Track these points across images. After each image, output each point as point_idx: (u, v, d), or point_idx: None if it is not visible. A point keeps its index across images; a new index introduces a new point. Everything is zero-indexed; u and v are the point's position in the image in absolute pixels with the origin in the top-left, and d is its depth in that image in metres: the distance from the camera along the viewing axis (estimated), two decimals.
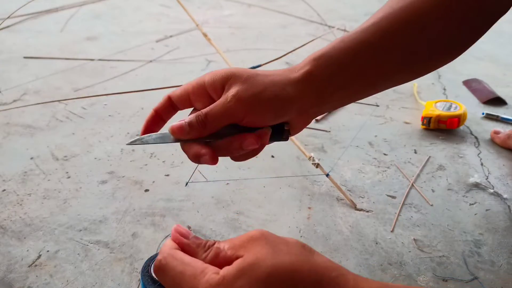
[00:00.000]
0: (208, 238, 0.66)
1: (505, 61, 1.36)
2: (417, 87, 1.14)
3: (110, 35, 1.45)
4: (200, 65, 1.25)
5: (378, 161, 0.85)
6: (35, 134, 0.90)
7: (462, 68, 1.29)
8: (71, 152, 0.84)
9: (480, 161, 0.86)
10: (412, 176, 0.81)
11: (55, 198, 0.72)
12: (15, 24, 1.49)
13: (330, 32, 1.49)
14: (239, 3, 1.84)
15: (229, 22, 1.62)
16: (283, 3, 1.89)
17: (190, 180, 0.77)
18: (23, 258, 0.61)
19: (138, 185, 0.76)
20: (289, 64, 1.28)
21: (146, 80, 1.15)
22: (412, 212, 0.72)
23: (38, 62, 1.22)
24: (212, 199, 0.73)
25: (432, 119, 0.94)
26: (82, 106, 1.01)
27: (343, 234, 0.67)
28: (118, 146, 0.87)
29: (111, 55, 1.28)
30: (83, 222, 0.68)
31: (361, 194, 0.76)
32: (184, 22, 1.58)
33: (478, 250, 0.65)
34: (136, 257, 0.62)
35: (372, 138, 0.93)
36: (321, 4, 1.84)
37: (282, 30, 1.57)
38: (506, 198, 0.76)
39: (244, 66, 1.22)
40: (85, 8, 1.71)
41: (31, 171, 0.78)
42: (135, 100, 1.03)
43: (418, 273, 0.61)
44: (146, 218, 0.69)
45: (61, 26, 1.51)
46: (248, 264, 0.32)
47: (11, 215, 0.68)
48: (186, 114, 0.49)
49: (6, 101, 1.01)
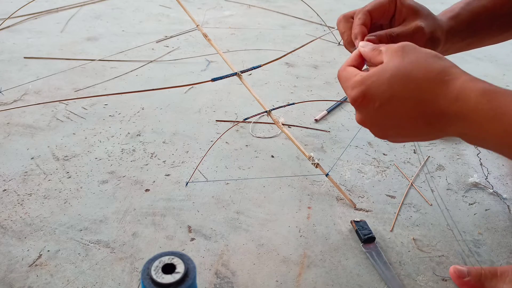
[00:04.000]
0: (209, 237, 0.66)
1: (504, 61, 1.37)
2: None
3: (111, 36, 1.45)
4: (200, 65, 1.25)
5: (377, 161, 0.85)
6: (36, 134, 0.90)
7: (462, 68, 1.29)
8: (72, 152, 0.85)
9: (479, 161, 0.86)
10: (412, 176, 0.81)
11: (56, 198, 0.73)
12: (16, 24, 1.50)
13: (330, 33, 1.49)
14: (239, 3, 1.84)
15: (229, 23, 1.62)
16: (283, 3, 1.89)
17: (190, 180, 0.78)
18: (24, 258, 0.61)
19: (139, 185, 0.76)
20: (289, 64, 1.28)
21: (146, 81, 1.15)
22: (411, 212, 0.73)
23: (39, 62, 1.23)
24: (212, 199, 0.74)
25: None
26: (83, 106, 1.01)
27: (342, 233, 0.67)
28: (118, 146, 0.87)
29: (112, 56, 1.28)
30: (84, 221, 0.68)
31: (360, 194, 0.76)
32: (184, 23, 1.58)
33: (478, 250, 0.65)
34: (137, 257, 0.62)
35: (371, 138, 0.93)
36: (320, 5, 1.85)
37: (282, 30, 1.57)
38: (505, 198, 0.76)
39: (244, 66, 1.23)
40: (85, 8, 1.71)
41: (32, 171, 0.79)
42: (135, 100, 1.04)
43: (418, 273, 0.61)
44: (146, 218, 0.69)
45: (61, 26, 1.51)
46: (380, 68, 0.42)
47: (11, 215, 0.69)
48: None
49: (6, 101, 1.02)
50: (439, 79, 0.39)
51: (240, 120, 0.97)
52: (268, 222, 0.69)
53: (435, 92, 0.38)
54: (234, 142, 0.90)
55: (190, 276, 0.43)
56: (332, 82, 1.18)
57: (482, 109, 0.36)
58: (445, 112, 0.38)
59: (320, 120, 0.99)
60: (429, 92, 0.39)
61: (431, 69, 0.40)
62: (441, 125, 0.39)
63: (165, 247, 0.64)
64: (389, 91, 0.40)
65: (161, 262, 0.44)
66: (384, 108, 0.41)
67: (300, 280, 0.60)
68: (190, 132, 0.92)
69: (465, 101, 0.37)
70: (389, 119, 0.42)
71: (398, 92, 0.40)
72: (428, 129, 0.40)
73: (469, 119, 0.37)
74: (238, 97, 1.08)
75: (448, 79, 0.39)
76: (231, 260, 0.62)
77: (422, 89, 0.39)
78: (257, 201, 0.74)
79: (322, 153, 0.87)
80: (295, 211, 0.72)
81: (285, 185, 0.78)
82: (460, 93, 0.37)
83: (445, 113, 0.38)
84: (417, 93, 0.39)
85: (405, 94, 0.39)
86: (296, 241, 0.66)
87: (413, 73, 0.40)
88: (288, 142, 0.90)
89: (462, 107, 0.37)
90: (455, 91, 0.38)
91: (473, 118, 0.36)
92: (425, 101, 0.39)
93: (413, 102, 0.39)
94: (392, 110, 0.41)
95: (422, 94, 0.39)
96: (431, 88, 0.39)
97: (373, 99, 0.41)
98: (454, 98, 0.37)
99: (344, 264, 0.62)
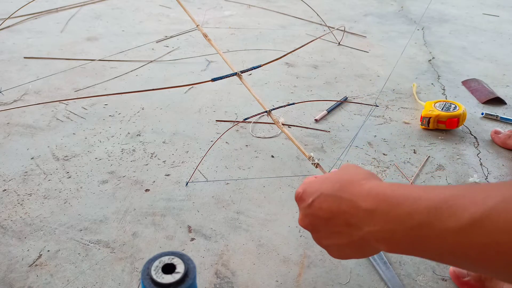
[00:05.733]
0: (209, 237, 0.66)
1: (504, 61, 1.37)
2: (416, 87, 1.15)
3: (111, 36, 1.45)
4: (200, 65, 1.25)
5: (377, 161, 0.85)
6: (36, 134, 0.90)
7: (461, 68, 1.29)
8: (72, 152, 0.85)
9: (479, 161, 0.86)
10: (412, 176, 0.81)
11: (56, 198, 0.73)
12: (16, 24, 1.50)
13: (330, 33, 1.49)
14: (239, 3, 1.84)
15: (229, 23, 1.62)
16: (283, 3, 1.89)
17: (190, 180, 0.78)
18: (24, 258, 0.61)
19: (139, 185, 0.76)
20: (289, 64, 1.28)
21: (146, 80, 1.15)
22: None
23: (39, 62, 1.23)
24: (212, 199, 0.74)
25: (431, 119, 0.94)
26: (83, 106, 1.01)
27: None
28: (118, 146, 0.87)
29: (112, 56, 1.28)
30: (84, 221, 0.68)
31: None
32: (184, 23, 1.58)
33: None
34: (137, 257, 0.62)
35: (371, 138, 0.93)
36: (320, 5, 1.85)
37: (282, 30, 1.57)
38: None
39: (244, 66, 1.23)
40: (85, 8, 1.71)
41: (32, 171, 0.79)
42: (135, 100, 1.04)
43: (418, 273, 0.61)
44: (146, 218, 0.69)
45: (61, 26, 1.51)
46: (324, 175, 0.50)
47: (11, 215, 0.69)
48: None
49: (6, 101, 1.02)
50: (357, 182, 0.44)
51: (240, 120, 0.97)
52: (268, 222, 0.69)
53: (352, 192, 0.44)
54: (234, 142, 0.90)
55: (190, 276, 0.43)
56: (332, 82, 1.18)
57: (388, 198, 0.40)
58: (359, 208, 0.42)
59: (320, 120, 0.99)
60: (348, 192, 0.44)
61: (356, 176, 0.46)
62: (358, 223, 0.42)
63: (165, 247, 0.64)
64: (319, 189, 0.46)
65: (161, 262, 0.44)
66: (313, 204, 0.47)
67: (300, 280, 0.60)
68: (190, 132, 0.92)
69: (374, 196, 0.41)
70: (317, 217, 0.47)
71: (325, 190, 0.46)
72: (348, 230, 0.44)
73: (378, 211, 0.40)
74: (238, 97, 1.08)
75: (364, 182, 0.44)
76: (231, 260, 0.62)
77: (343, 189, 0.45)
78: (257, 201, 0.74)
79: (322, 153, 0.87)
80: (295, 211, 0.72)
81: (285, 185, 0.78)
82: (371, 190, 0.42)
83: (359, 209, 0.42)
84: (339, 192, 0.45)
85: (330, 191, 0.45)
86: (296, 241, 0.66)
87: (342, 177, 0.46)
88: (288, 142, 0.90)
89: (373, 200, 0.41)
90: (367, 189, 0.42)
91: (381, 208, 0.40)
92: (344, 199, 0.44)
93: (334, 198, 0.45)
94: (318, 206, 0.46)
95: (342, 192, 0.44)
96: (350, 188, 0.44)
97: (308, 195, 0.48)
98: (366, 194, 0.42)
99: (344, 264, 0.62)
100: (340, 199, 0.44)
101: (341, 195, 0.44)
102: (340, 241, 0.45)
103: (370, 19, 1.73)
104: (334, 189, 0.45)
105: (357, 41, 1.48)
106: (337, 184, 0.45)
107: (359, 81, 1.19)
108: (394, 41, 1.50)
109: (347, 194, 0.44)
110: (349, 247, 0.45)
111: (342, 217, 0.44)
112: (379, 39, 1.51)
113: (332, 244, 0.47)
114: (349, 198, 0.43)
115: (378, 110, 1.04)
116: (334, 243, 0.46)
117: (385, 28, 1.63)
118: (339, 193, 0.44)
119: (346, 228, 0.44)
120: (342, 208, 0.44)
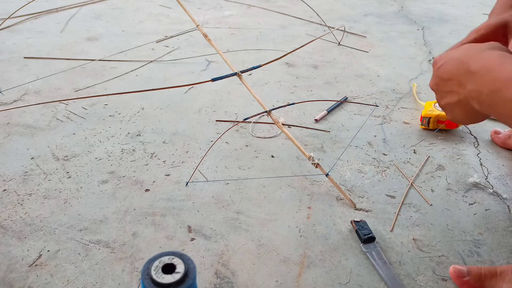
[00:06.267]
0: (209, 237, 0.66)
1: None
2: (416, 87, 1.15)
3: (111, 36, 1.45)
4: (200, 65, 1.25)
5: (377, 161, 0.85)
6: (36, 134, 0.90)
7: None
8: (72, 152, 0.85)
9: (479, 161, 0.86)
10: (412, 176, 0.81)
11: (56, 198, 0.73)
12: (16, 24, 1.50)
13: (330, 33, 1.49)
14: (239, 3, 1.84)
15: (229, 23, 1.62)
16: (283, 3, 1.89)
17: (190, 180, 0.78)
18: (24, 258, 0.61)
19: (139, 185, 0.76)
20: (289, 64, 1.28)
21: (146, 81, 1.15)
22: (411, 212, 0.73)
23: (39, 62, 1.23)
24: (212, 199, 0.74)
25: (431, 119, 0.94)
26: (83, 106, 1.01)
27: (342, 233, 0.67)
28: (118, 146, 0.87)
29: (112, 56, 1.28)
30: (84, 221, 0.68)
31: (360, 194, 0.76)
32: (184, 23, 1.58)
33: (478, 250, 0.65)
34: (137, 257, 0.62)
35: (371, 138, 0.93)
36: (320, 5, 1.85)
37: (282, 30, 1.57)
38: (505, 198, 0.76)
39: (244, 66, 1.23)
40: (85, 8, 1.71)
41: (32, 171, 0.79)
42: (135, 100, 1.04)
43: (418, 273, 0.61)
44: (146, 218, 0.69)
45: (61, 26, 1.51)
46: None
47: (11, 215, 0.69)
48: None
49: (6, 101, 1.02)
50: (482, 49, 0.50)
51: (240, 120, 0.97)
52: (268, 222, 0.69)
53: (471, 57, 0.50)
54: (234, 142, 0.90)
55: (190, 276, 0.43)
56: (332, 82, 1.18)
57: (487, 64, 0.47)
58: (469, 70, 0.49)
59: (320, 120, 0.99)
60: (468, 56, 0.50)
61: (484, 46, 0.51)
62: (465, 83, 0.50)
63: (165, 247, 0.64)
64: (450, 55, 0.54)
65: (161, 262, 0.44)
66: (441, 67, 0.54)
67: (300, 280, 0.60)
68: (190, 132, 0.92)
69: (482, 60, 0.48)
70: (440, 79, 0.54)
71: (455, 55, 0.53)
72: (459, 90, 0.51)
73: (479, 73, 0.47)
74: (238, 97, 1.08)
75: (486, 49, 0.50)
76: (231, 260, 0.62)
77: (467, 52, 0.51)
78: (257, 201, 0.74)
79: (322, 153, 0.87)
80: (295, 211, 0.72)
81: (285, 185, 0.78)
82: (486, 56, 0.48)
83: (469, 70, 0.49)
84: (463, 56, 0.51)
85: (457, 56, 0.52)
86: (296, 241, 0.66)
87: (473, 46, 0.52)
88: (288, 142, 0.90)
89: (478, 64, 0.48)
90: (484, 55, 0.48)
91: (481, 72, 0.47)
92: (464, 62, 0.50)
93: (458, 62, 0.51)
94: (443, 69, 0.54)
95: (465, 57, 0.51)
96: (472, 52, 0.50)
97: (440, 60, 0.55)
98: (478, 59, 0.48)
99: (344, 264, 0.62)
100: (461, 63, 0.51)
101: (463, 59, 0.51)
102: (452, 99, 0.54)
103: (370, 19, 1.73)
104: (461, 54, 0.52)
105: (357, 41, 1.48)
106: (466, 51, 0.52)
107: (359, 81, 1.19)
108: (394, 41, 1.50)
109: (467, 58, 0.51)
110: (458, 106, 0.54)
111: (457, 78, 0.52)
112: (379, 39, 1.51)
113: (447, 104, 0.55)
114: (467, 61, 0.50)
115: (378, 110, 1.04)
116: (448, 102, 0.55)
117: (385, 28, 1.63)
118: (463, 58, 0.51)
119: (458, 88, 0.52)
120: (460, 70, 0.51)
